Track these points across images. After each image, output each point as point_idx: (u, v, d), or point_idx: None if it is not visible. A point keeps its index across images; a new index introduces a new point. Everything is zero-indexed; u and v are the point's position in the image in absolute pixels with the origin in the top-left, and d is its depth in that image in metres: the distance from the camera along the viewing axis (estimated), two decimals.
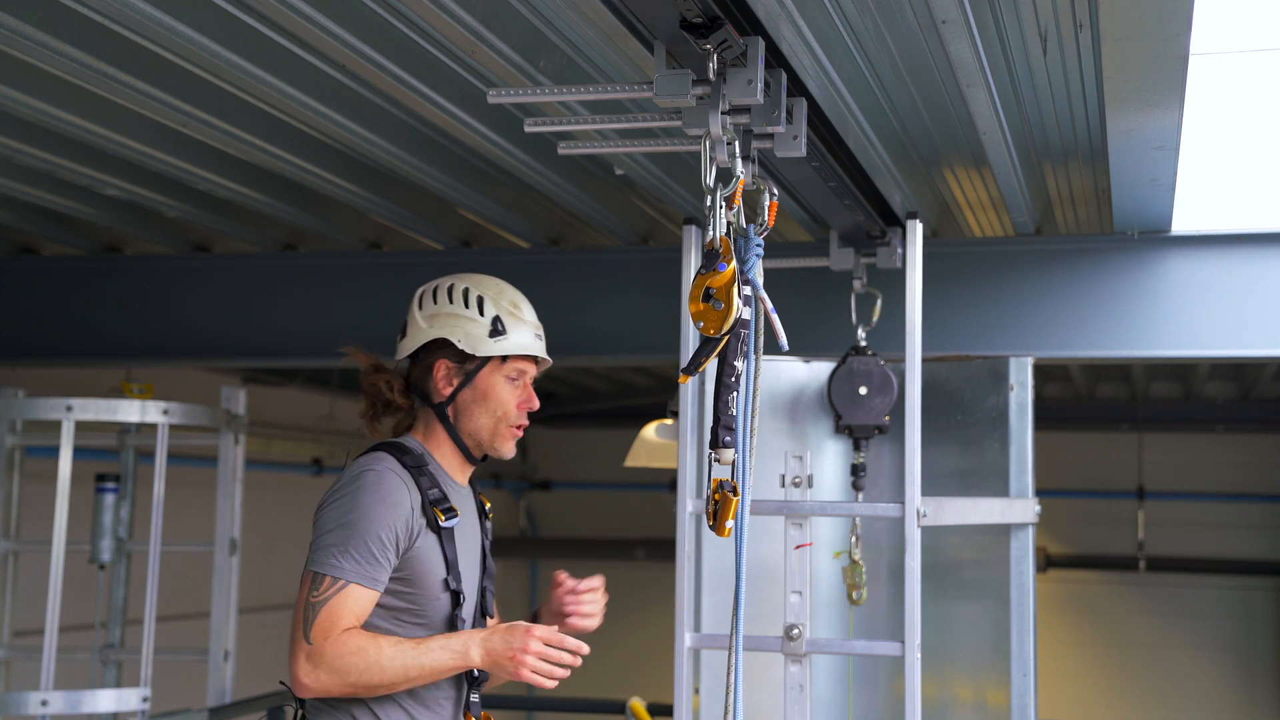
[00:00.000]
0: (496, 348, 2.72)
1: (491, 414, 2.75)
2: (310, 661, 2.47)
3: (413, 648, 2.50)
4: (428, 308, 2.76)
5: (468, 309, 2.74)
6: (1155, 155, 3.63)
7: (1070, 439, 10.06)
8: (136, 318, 5.45)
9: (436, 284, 2.80)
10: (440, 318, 2.73)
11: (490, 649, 2.52)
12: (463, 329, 2.72)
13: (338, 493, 2.59)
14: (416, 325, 2.76)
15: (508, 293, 2.80)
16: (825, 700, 4.22)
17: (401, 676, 2.49)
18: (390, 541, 2.55)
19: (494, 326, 2.73)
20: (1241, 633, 10.37)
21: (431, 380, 2.74)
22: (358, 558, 2.51)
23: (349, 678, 2.47)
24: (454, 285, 2.77)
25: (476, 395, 2.73)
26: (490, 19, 2.92)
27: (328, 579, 2.50)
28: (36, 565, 4.99)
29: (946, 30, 2.82)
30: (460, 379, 2.73)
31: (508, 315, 2.76)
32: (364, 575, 2.52)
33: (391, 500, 2.57)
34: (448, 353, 2.73)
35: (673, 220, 4.78)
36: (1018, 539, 4.04)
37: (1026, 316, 4.67)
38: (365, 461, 2.64)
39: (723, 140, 2.53)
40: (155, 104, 3.46)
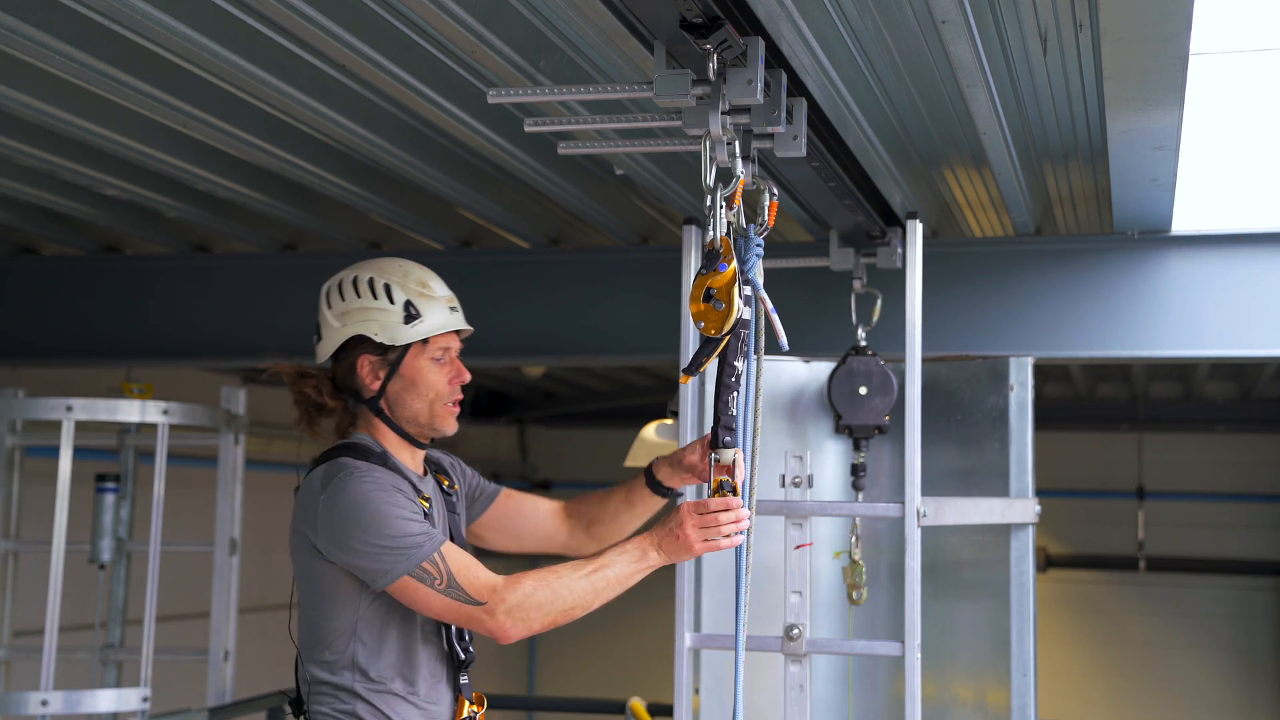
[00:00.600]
0: (414, 333, 2.68)
1: (424, 398, 2.71)
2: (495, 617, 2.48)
3: (590, 564, 2.54)
4: (336, 305, 2.71)
5: (377, 299, 2.68)
6: (1155, 155, 3.63)
7: (1070, 439, 10.06)
8: (136, 318, 5.45)
9: (340, 279, 2.73)
10: (352, 314, 2.68)
11: (660, 542, 2.57)
12: (377, 321, 2.67)
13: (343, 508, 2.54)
14: (329, 326, 2.71)
15: (414, 273, 2.74)
16: (825, 700, 4.22)
17: (591, 593, 2.53)
18: (416, 508, 2.56)
19: (407, 312, 2.68)
20: (1241, 633, 10.37)
21: (357, 377, 2.70)
22: (415, 531, 2.51)
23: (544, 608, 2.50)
24: (358, 277, 2.71)
25: (405, 383, 2.70)
26: (490, 19, 2.92)
27: (425, 565, 2.49)
28: (36, 565, 4.99)
29: (946, 30, 2.82)
30: (385, 370, 2.69)
31: (418, 297, 2.70)
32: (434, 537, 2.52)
33: (389, 483, 2.57)
34: (367, 347, 2.68)
35: (673, 220, 4.78)
36: (1018, 539, 4.04)
37: (1026, 316, 4.67)
38: (334, 470, 2.60)
39: (723, 140, 2.53)
40: (155, 104, 3.46)
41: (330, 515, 2.55)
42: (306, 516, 2.61)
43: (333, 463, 2.64)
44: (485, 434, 11.22)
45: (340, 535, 2.53)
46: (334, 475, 2.59)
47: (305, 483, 2.67)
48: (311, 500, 2.60)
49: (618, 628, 10.36)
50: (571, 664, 11.50)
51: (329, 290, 2.73)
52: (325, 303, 2.73)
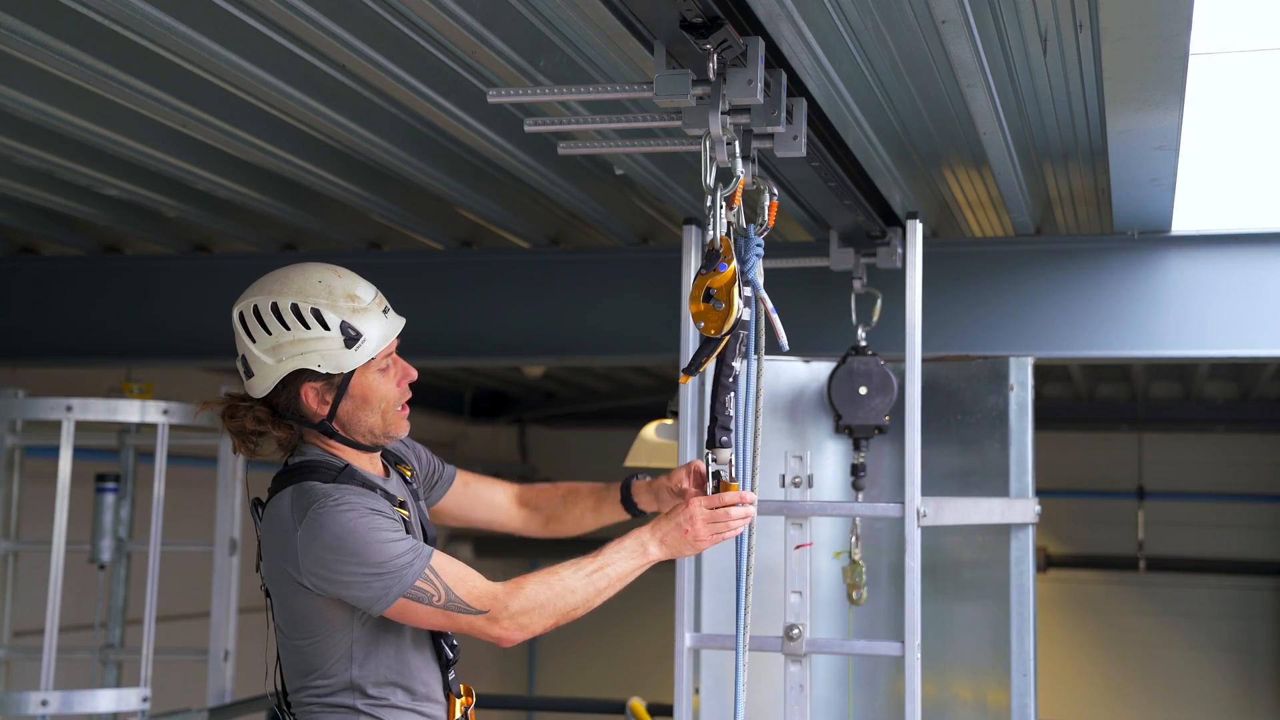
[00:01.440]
0: (360, 356, 2.49)
1: (377, 410, 2.56)
2: (500, 624, 2.45)
3: (591, 562, 2.52)
4: (263, 340, 2.48)
5: (310, 329, 2.46)
6: (1155, 155, 3.63)
7: (1070, 439, 10.06)
8: (136, 318, 5.44)
9: (255, 305, 2.49)
10: (284, 348, 2.47)
11: (663, 537, 2.56)
12: (317, 353, 2.46)
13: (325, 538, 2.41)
14: (261, 363, 2.49)
15: (336, 286, 2.51)
16: (825, 700, 4.22)
17: (593, 592, 2.51)
18: (396, 523, 2.48)
19: (346, 335, 2.48)
20: (1241, 633, 10.37)
21: (303, 405, 2.52)
22: (402, 551, 2.42)
23: (545, 609, 2.47)
24: (277, 305, 2.47)
25: (356, 402, 2.54)
26: (490, 19, 2.92)
27: (419, 584, 2.42)
28: (36, 565, 4.99)
29: (946, 30, 2.82)
30: (333, 394, 2.51)
31: (352, 314, 2.49)
32: (422, 553, 2.44)
33: (366, 504, 2.46)
34: (309, 376, 2.49)
35: (673, 220, 4.78)
36: (1018, 539, 4.04)
37: (1026, 316, 4.67)
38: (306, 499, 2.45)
39: (723, 140, 2.53)
40: (155, 104, 3.46)
41: (312, 549, 2.42)
42: (284, 552, 2.47)
43: (299, 489, 2.48)
44: (485, 434, 11.22)
45: (327, 569, 2.42)
46: (306, 506, 2.44)
47: (272, 510, 2.51)
48: (285, 534, 2.46)
49: (618, 628, 10.36)
50: (571, 664, 11.49)
51: (247, 323, 2.50)
52: (247, 337, 2.50)
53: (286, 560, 2.48)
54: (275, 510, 2.51)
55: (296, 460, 2.59)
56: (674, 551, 2.59)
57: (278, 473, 2.60)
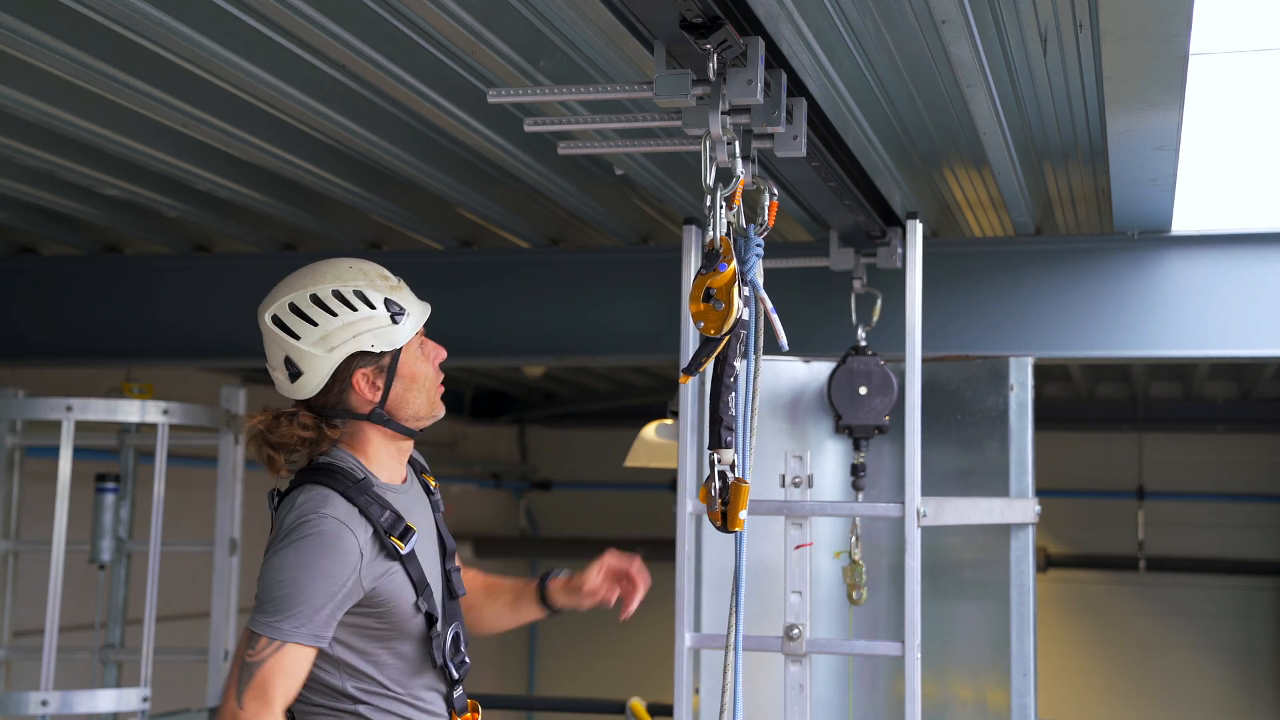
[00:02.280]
0: (408, 330, 2.53)
1: (422, 389, 2.58)
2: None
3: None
4: (309, 334, 2.48)
5: (358, 310, 2.49)
6: (1155, 155, 3.63)
7: (1070, 439, 10.06)
8: (136, 318, 5.45)
9: (293, 304, 2.50)
10: (334, 335, 2.48)
11: None
12: (370, 333, 2.49)
13: (282, 545, 2.41)
14: (311, 357, 2.48)
15: (368, 268, 2.56)
16: (825, 700, 4.22)
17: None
18: (339, 596, 2.40)
19: (391, 311, 2.52)
20: (1241, 633, 10.37)
21: (353, 395, 2.52)
22: (299, 617, 2.36)
23: None
24: (318, 295, 2.49)
25: (405, 383, 2.55)
26: (490, 19, 2.92)
27: (263, 639, 2.36)
28: (36, 565, 4.99)
29: (946, 30, 2.82)
30: (384, 378, 2.53)
31: (390, 291, 2.54)
32: (303, 634, 2.37)
33: (339, 558, 2.40)
34: (360, 361, 2.50)
35: (673, 220, 4.78)
36: (1018, 539, 4.04)
37: (1026, 316, 4.67)
38: (307, 506, 2.44)
39: (723, 140, 2.53)
40: (155, 104, 3.46)
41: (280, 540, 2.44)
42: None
43: (311, 493, 2.47)
44: (485, 434, 11.22)
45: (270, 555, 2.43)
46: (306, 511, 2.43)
47: (285, 505, 2.51)
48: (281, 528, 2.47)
49: (618, 628, 10.33)
50: (571, 664, 11.50)
51: (286, 321, 2.50)
52: (288, 335, 2.49)
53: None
54: (288, 504, 2.51)
55: (323, 460, 2.56)
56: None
57: (300, 469, 2.58)
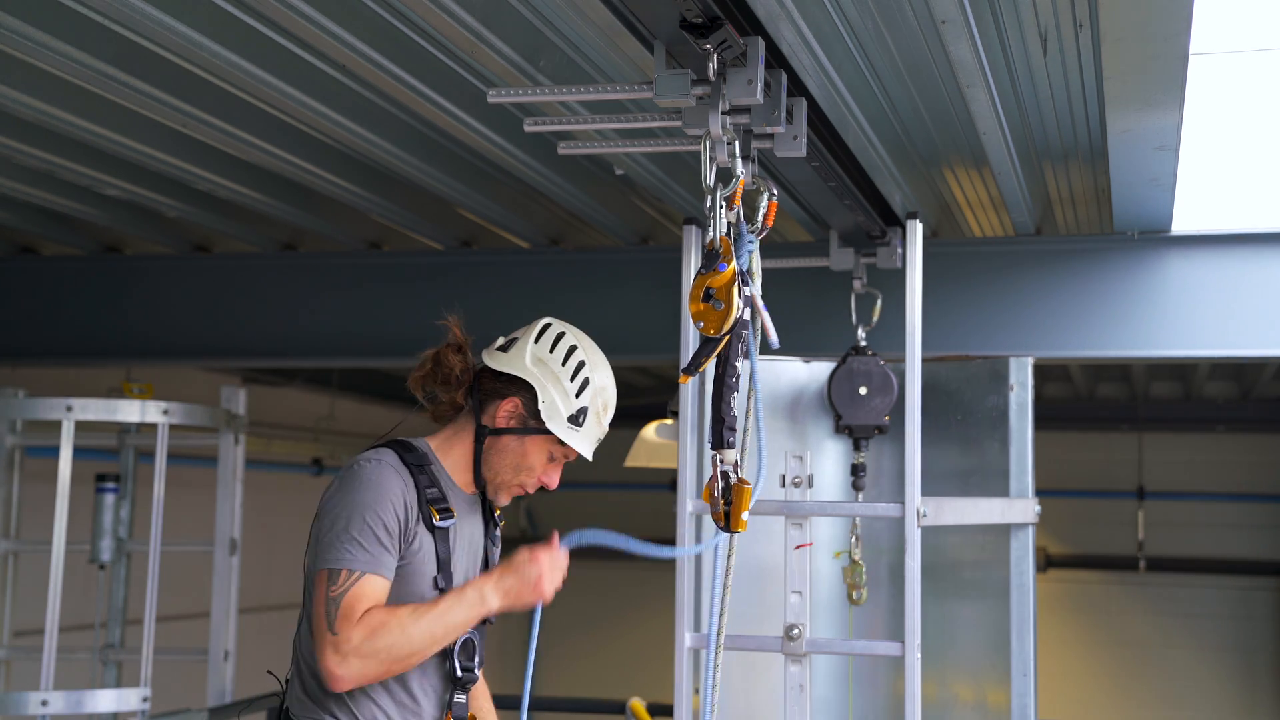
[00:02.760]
0: (563, 432, 2.67)
1: (516, 470, 2.72)
2: (339, 653, 2.45)
3: (430, 610, 2.51)
4: (542, 350, 2.70)
5: (571, 383, 2.68)
6: (1155, 155, 3.63)
7: (1070, 439, 10.06)
8: (136, 318, 5.45)
9: (562, 331, 2.73)
10: (543, 366, 2.68)
11: (505, 589, 2.56)
12: (551, 396, 2.67)
13: (338, 488, 2.58)
14: (521, 356, 2.70)
15: (609, 391, 2.75)
16: (825, 700, 4.22)
17: (429, 640, 2.50)
18: (394, 530, 2.54)
19: (576, 415, 2.69)
20: (1241, 633, 10.37)
21: (496, 405, 2.69)
22: (368, 548, 2.50)
23: (379, 656, 2.46)
24: (574, 349, 2.71)
25: (514, 453, 2.70)
26: (490, 19, 2.92)
27: (344, 572, 2.49)
28: (36, 565, 4.99)
29: (946, 30, 2.82)
30: (518, 425, 2.69)
31: (594, 414, 2.71)
32: (375, 564, 2.51)
33: (388, 492, 2.55)
34: (525, 396, 2.68)
35: (673, 220, 4.78)
36: (1018, 539, 4.04)
37: (1026, 316, 4.67)
38: (365, 456, 2.61)
39: (723, 140, 2.53)
40: (155, 104, 3.46)
41: (331, 487, 2.60)
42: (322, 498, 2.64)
43: (370, 450, 2.64)
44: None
45: (326, 504, 2.57)
46: (356, 461, 2.60)
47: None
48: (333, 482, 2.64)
49: (618, 628, 10.35)
50: (571, 664, 11.49)
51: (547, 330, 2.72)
52: (534, 336, 2.72)
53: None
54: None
55: (403, 438, 2.70)
56: (515, 602, 2.59)
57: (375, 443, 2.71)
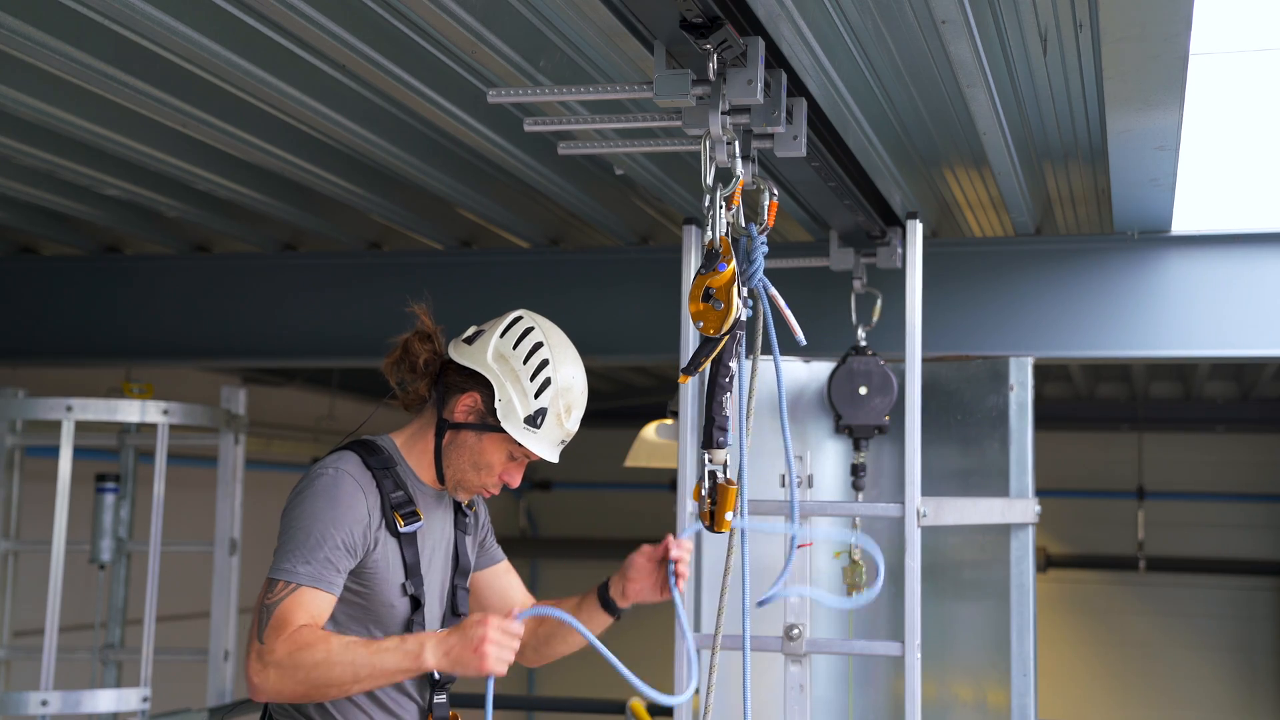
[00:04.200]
0: (519, 434, 2.59)
1: (475, 468, 2.64)
2: (260, 660, 2.39)
3: (364, 647, 2.39)
4: (504, 344, 2.62)
5: (530, 382, 2.60)
6: (1155, 155, 3.63)
7: (1070, 439, 10.06)
8: (136, 318, 5.45)
9: (530, 326, 2.65)
10: (503, 363, 2.60)
11: (448, 649, 2.36)
12: (510, 394, 2.59)
13: (295, 497, 2.54)
14: (483, 350, 2.63)
15: (573, 392, 2.65)
16: (825, 700, 4.22)
17: (350, 676, 2.37)
18: (345, 544, 2.49)
19: (533, 417, 2.60)
20: (1241, 633, 10.37)
21: (456, 400, 2.63)
22: (311, 562, 2.45)
23: (297, 674, 2.37)
24: (539, 346, 2.63)
25: (471, 450, 2.63)
26: (490, 19, 2.92)
27: (280, 583, 2.45)
28: (36, 565, 4.99)
29: (946, 30, 2.82)
30: (476, 421, 2.62)
31: (554, 415, 2.62)
32: (317, 578, 2.45)
33: (345, 504, 2.50)
34: (485, 393, 2.60)
35: (673, 220, 4.78)
36: (1018, 539, 4.04)
37: (1026, 316, 4.67)
38: (326, 462, 2.58)
39: (723, 140, 2.53)
40: (155, 104, 3.46)
41: (291, 496, 2.58)
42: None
43: (333, 454, 2.62)
44: None
45: (285, 511, 2.55)
46: (317, 470, 2.57)
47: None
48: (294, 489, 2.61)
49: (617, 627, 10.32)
50: (571, 664, 11.49)
51: (514, 325, 2.65)
52: (499, 330, 2.64)
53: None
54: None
55: (367, 437, 2.68)
56: (453, 666, 2.38)
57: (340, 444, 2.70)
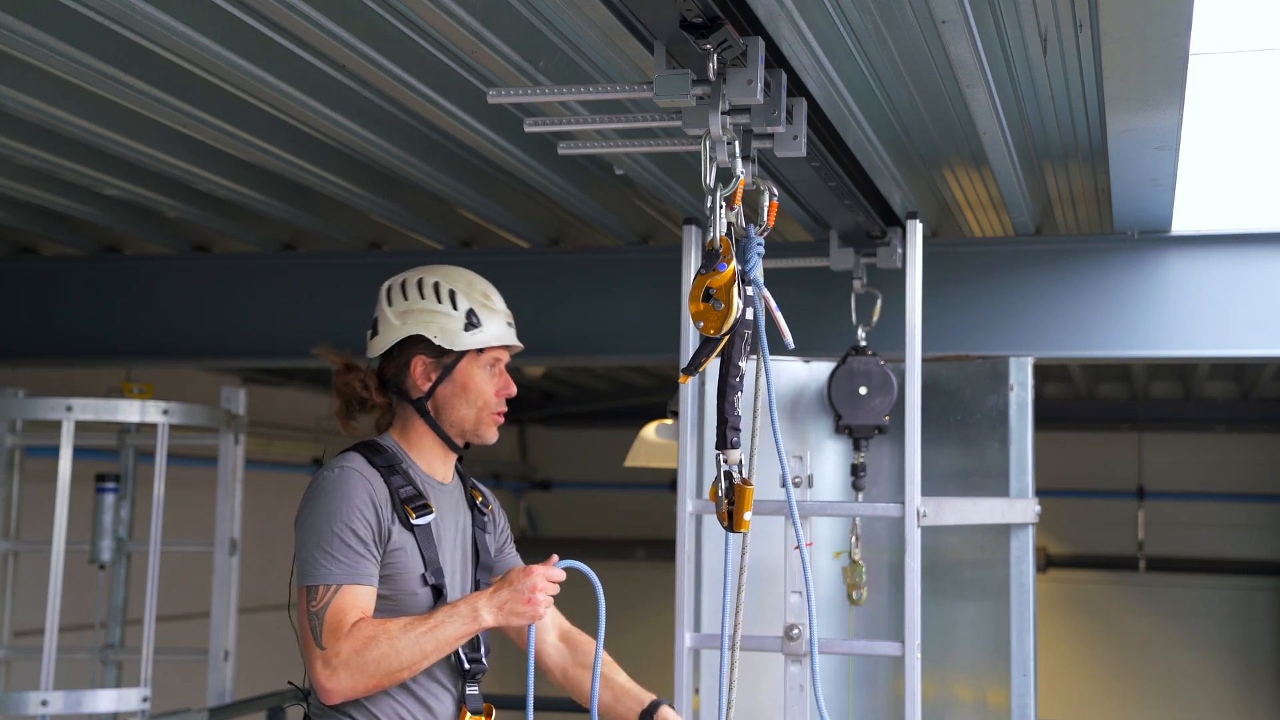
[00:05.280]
0: (473, 341, 2.70)
1: (472, 405, 2.73)
2: (328, 665, 2.45)
3: (420, 624, 2.49)
4: (398, 304, 2.71)
5: (440, 304, 2.69)
6: (1155, 155, 3.63)
7: (1070, 439, 10.06)
8: (136, 318, 5.45)
9: (404, 278, 2.75)
10: (413, 314, 2.69)
11: (500, 604, 2.53)
12: (438, 324, 2.68)
13: (306, 501, 2.58)
14: (389, 323, 2.71)
15: (478, 284, 2.77)
16: (825, 700, 4.22)
17: (418, 656, 2.48)
18: (366, 534, 2.53)
19: (468, 320, 2.70)
20: (1241, 633, 10.37)
21: (409, 376, 2.71)
22: (341, 558, 2.50)
23: (369, 669, 2.45)
24: (423, 280, 2.72)
25: (456, 388, 2.71)
26: (490, 19, 2.92)
27: (321, 588, 2.49)
28: (36, 565, 4.99)
29: (946, 30, 2.82)
30: (438, 373, 2.70)
31: (480, 307, 2.72)
32: (352, 573, 2.50)
33: (352, 497, 2.54)
34: (423, 348, 2.69)
35: (673, 220, 4.78)
36: (1018, 539, 4.04)
37: (1026, 316, 4.67)
38: (331, 463, 2.63)
39: (723, 140, 2.53)
40: (155, 104, 3.46)
41: (302, 502, 2.60)
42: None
43: (337, 456, 2.65)
44: None
45: (298, 522, 2.57)
46: (322, 471, 2.61)
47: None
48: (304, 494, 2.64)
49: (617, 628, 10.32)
50: None
51: (390, 288, 2.74)
52: (385, 299, 2.73)
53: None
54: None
55: (370, 438, 2.71)
56: (509, 617, 2.54)
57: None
